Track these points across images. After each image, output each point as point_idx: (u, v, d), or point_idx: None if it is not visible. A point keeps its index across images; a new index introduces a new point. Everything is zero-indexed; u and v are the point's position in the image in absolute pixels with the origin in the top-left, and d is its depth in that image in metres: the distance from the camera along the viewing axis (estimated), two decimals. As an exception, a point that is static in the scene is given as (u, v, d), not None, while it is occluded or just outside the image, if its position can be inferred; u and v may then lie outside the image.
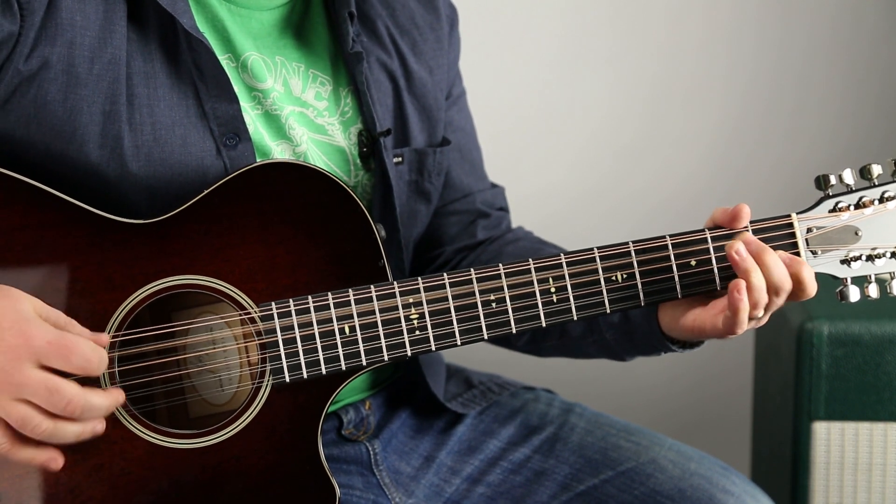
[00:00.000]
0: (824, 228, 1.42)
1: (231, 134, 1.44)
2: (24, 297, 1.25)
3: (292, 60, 1.52)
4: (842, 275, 1.43)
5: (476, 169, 1.73)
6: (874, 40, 2.63)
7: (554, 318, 1.40)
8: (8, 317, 1.22)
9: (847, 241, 1.42)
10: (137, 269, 1.36)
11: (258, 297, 1.37)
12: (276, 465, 1.38)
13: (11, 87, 1.36)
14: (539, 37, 2.63)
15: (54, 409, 1.22)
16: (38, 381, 1.22)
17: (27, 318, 1.23)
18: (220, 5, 1.48)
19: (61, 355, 1.23)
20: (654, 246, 1.41)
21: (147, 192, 1.40)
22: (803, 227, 1.41)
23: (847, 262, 1.42)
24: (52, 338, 1.23)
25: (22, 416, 1.22)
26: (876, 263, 1.42)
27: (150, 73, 1.41)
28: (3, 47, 1.35)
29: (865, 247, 1.42)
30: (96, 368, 1.25)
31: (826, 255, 1.42)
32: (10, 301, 1.24)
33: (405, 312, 1.38)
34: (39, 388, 1.21)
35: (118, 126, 1.39)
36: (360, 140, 1.55)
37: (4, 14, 1.34)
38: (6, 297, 1.24)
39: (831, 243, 1.42)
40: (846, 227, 1.42)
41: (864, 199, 1.42)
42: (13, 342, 1.21)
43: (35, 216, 1.35)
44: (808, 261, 1.41)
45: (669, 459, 1.57)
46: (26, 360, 1.21)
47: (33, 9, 1.35)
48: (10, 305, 1.23)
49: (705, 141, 2.67)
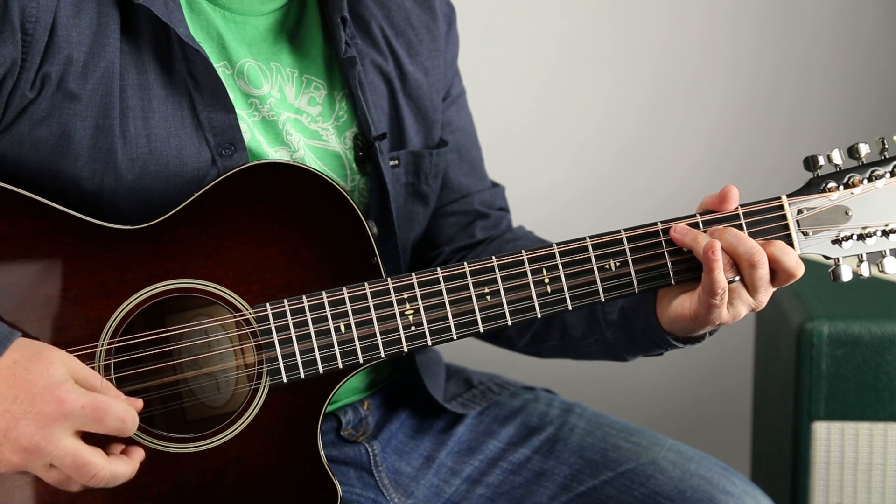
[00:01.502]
0: (815, 209, 1.42)
1: (227, 144, 1.43)
2: (58, 359, 1.25)
3: (286, 66, 1.52)
4: (833, 255, 1.43)
5: (475, 169, 1.72)
6: (874, 40, 2.64)
7: (549, 309, 1.40)
8: (40, 382, 1.23)
9: (838, 221, 1.42)
10: (131, 275, 1.36)
11: (253, 298, 1.37)
12: (277, 466, 1.38)
13: (16, 112, 1.36)
14: (539, 37, 2.63)
15: (81, 480, 1.24)
16: (66, 453, 1.22)
17: (59, 383, 1.23)
18: (215, 13, 1.48)
19: (96, 419, 1.23)
20: (646, 233, 1.41)
21: (142, 205, 1.40)
22: (794, 209, 1.42)
23: (838, 242, 1.43)
24: (86, 402, 1.23)
25: (56, 480, 1.25)
26: (867, 242, 1.43)
27: (143, 84, 1.40)
28: (9, 76, 1.34)
29: (856, 226, 1.42)
30: (130, 429, 1.26)
31: (817, 236, 1.42)
32: (42, 365, 1.24)
33: (400, 308, 1.38)
34: (67, 461, 1.23)
35: (111, 140, 1.38)
36: (355, 144, 1.54)
37: (6, 42, 1.33)
38: (38, 361, 1.24)
39: (822, 224, 1.42)
40: (836, 207, 1.42)
41: (853, 178, 1.43)
42: (45, 409, 1.22)
43: (25, 225, 1.34)
44: (800, 242, 1.41)
45: (669, 460, 1.57)
46: (59, 427, 1.22)
47: (37, 35, 1.35)
48: (43, 370, 1.23)
49: (705, 140, 2.68)
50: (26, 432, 1.21)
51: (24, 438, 1.21)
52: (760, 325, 2.38)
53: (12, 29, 1.33)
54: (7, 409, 1.22)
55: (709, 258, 1.34)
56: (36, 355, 1.25)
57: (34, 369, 1.23)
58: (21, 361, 1.24)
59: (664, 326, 1.44)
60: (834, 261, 1.44)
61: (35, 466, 1.23)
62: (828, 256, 1.43)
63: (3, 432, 1.22)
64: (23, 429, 1.21)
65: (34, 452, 1.22)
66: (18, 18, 1.33)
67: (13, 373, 1.23)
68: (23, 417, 1.21)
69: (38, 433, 1.21)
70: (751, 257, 1.35)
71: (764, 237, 1.40)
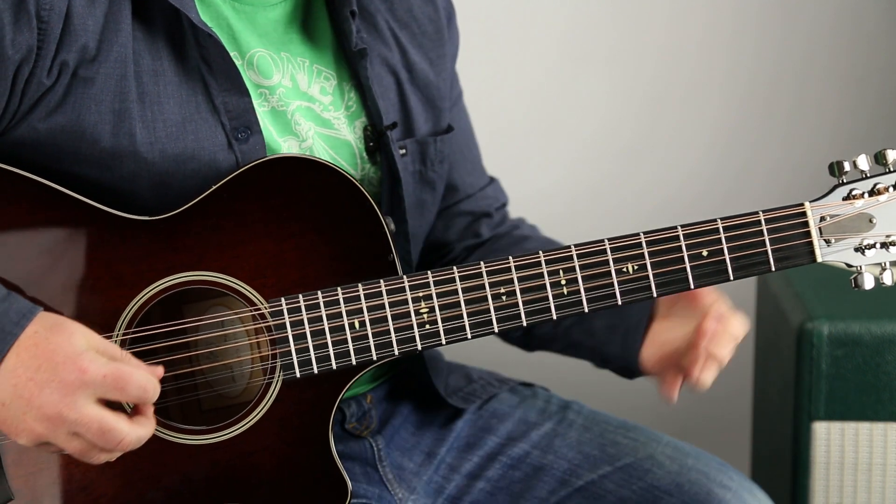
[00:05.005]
0: (838, 216, 1.40)
1: (243, 127, 1.43)
2: (78, 331, 1.26)
3: (297, 55, 1.52)
4: (856, 263, 1.41)
5: (476, 167, 1.74)
6: (874, 40, 2.62)
7: (565, 311, 1.39)
8: (61, 351, 1.24)
9: (861, 228, 1.40)
10: (147, 266, 1.36)
11: (268, 292, 1.37)
12: (288, 460, 1.38)
13: (33, 99, 1.36)
14: (539, 37, 2.62)
15: (108, 446, 1.25)
16: (91, 419, 1.24)
17: (81, 352, 1.24)
18: (225, 4, 1.47)
19: (118, 387, 1.25)
20: (666, 237, 1.40)
21: (159, 188, 1.40)
22: (816, 215, 1.40)
23: (861, 250, 1.41)
24: (108, 370, 1.24)
25: (79, 450, 1.26)
26: (890, 251, 1.41)
27: (158, 70, 1.40)
28: (25, 63, 1.34)
29: (880, 234, 1.40)
30: (152, 397, 1.27)
31: (840, 244, 1.40)
32: (63, 336, 1.25)
33: (415, 307, 1.38)
34: (93, 427, 1.24)
35: (130, 123, 1.38)
36: (365, 134, 1.54)
37: (22, 29, 1.33)
38: (60, 332, 1.25)
39: (845, 231, 1.40)
40: (860, 214, 1.40)
41: (879, 185, 1.40)
42: (68, 378, 1.23)
43: (42, 214, 1.34)
44: (821, 249, 1.40)
45: (667, 455, 1.58)
46: (81, 394, 1.23)
47: (52, 22, 1.34)
48: (65, 340, 1.24)
49: (706, 140, 2.66)
50: (50, 400, 1.23)
51: (47, 406, 1.23)
52: (760, 325, 2.37)
53: (28, 16, 1.33)
54: (31, 378, 1.23)
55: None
56: (56, 326, 1.26)
57: (55, 340, 1.24)
58: (42, 332, 1.25)
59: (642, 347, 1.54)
60: (856, 268, 1.42)
61: (58, 435, 1.24)
62: (850, 264, 1.41)
63: (27, 401, 1.23)
64: (46, 397, 1.23)
65: (57, 420, 1.23)
66: (34, 6, 1.33)
67: (35, 342, 1.24)
68: (46, 386, 1.23)
69: (61, 401, 1.23)
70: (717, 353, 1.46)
71: (784, 244, 1.39)
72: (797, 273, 2.14)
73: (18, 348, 1.24)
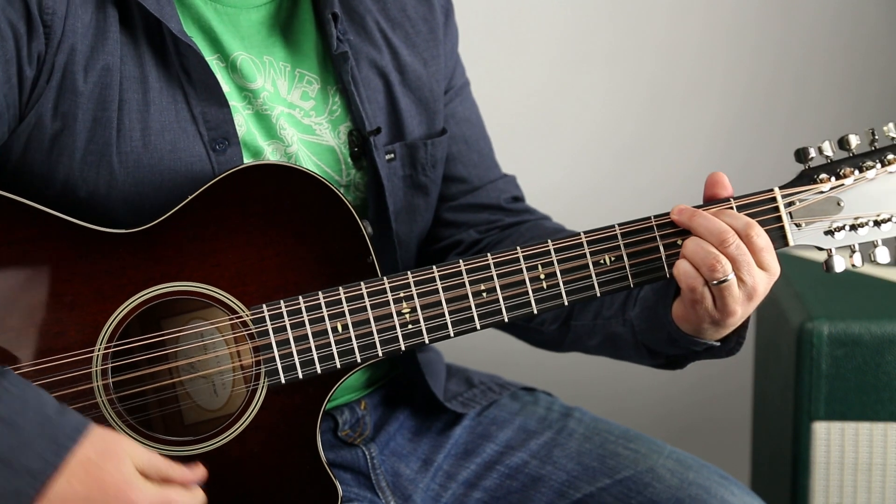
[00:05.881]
0: (807, 201, 1.43)
1: (220, 139, 1.43)
2: (125, 453, 1.26)
3: (279, 60, 1.52)
4: (826, 245, 1.44)
5: (485, 159, 1.70)
6: (874, 40, 2.64)
7: (545, 304, 1.40)
8: (112, 481, 1.24)
9: (830, 211, 1.43)
10: (126, 279, 1.35)
11: (249, 300, 1.37)
12: (277, 466, 1.38)
13: (33, 104, 1.36)
14: (538, 36, 2.63)
15: None
16: None
17: (130, 482, 1.25)
18: (206, 6, 1.47)
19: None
20: (640, 228, 1.42)
21: (136, 203, 1.39)
22: (786, 200, 1.42)
23: (831, 233, 1.43)
24: (155, 500, 1.26)
25: None
26: (859, 232, 1.44)
27: (141, 77, 1.40)
28: (33, 68, 1.35)
29: (848, 216, 1.43)
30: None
31: (810, 227, 1.43)
32: (114, 462, 1.25)
33: (397, 307, 1.38)
34: None
35: (108, 132, 1.38)
36: (350, 139, 1.54)
37: (35, 38, 1.34)
38: (110, 458, 1.25)
39: (814, 215, 1.43)
40: (828, 198, 1.43)
41: (844, 169, 1.44)
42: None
43: (19, 231, 1.34)
44: (793, 233, 1.42)
45: (668, 468, 1.55)
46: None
47: (55, 25, 1.35)
48: (115, 468, 1.25)
49: (705, 140, 2.68)
50: None
51: None
52: (760, 325, 2.38)
53: (35, 24, 1.34)
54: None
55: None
56: (107, 452, 1.25)
57: (107, 468, 1.24)
58: (94, 459, 1.24)
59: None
60: (827, 252, 1.44)
61: None
62: (821, 247, 1.44)
63: None
64: None
65: None
66: (37, 10, 1.34)
67: (86, 469, 1.24)
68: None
69: None
70: (720, 234, 1.35)
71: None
72: (797, 273, 2.16)
73: (69, 473, 1.23)
